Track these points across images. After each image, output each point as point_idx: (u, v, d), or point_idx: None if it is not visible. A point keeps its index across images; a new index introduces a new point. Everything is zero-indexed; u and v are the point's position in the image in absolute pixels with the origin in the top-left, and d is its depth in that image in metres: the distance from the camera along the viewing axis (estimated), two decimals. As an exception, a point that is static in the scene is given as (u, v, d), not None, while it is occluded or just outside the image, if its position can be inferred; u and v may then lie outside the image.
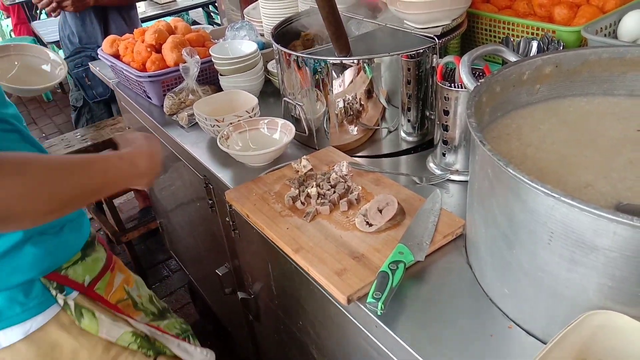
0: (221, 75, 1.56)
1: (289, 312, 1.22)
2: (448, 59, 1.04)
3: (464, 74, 0.93)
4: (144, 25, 2.23)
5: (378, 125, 1.24)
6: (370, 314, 0.81)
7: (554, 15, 1.27)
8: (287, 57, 1.21)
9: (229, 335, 2.11)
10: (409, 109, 1.21)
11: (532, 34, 1.22)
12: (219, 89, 1.59)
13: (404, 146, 1.26)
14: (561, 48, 1.10)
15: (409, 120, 1.22)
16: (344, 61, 1.13)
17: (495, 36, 1.33)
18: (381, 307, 0.76)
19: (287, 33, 1.44)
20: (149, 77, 1.57)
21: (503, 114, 0.93)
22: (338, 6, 1.38)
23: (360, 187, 1.08)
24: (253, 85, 1.53)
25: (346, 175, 1.12)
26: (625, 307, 0.63)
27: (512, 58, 0.97)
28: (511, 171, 0.65)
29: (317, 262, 0.90)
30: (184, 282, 2.60)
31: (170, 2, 3.81)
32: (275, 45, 1.25)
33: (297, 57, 1.17)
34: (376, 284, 0.79)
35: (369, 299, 0.78)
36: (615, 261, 0.60)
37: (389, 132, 1.25)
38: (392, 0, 1.16)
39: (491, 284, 0.81)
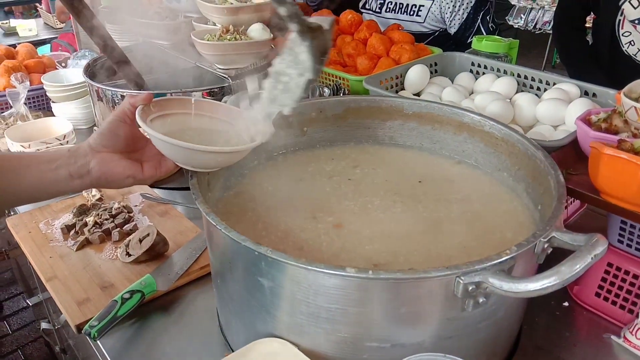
0: (53, 102, 1.55)
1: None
2: (226, 98, 1.09)
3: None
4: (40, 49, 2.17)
5: (189, 159, 1.27)
6: (99, 344, 0.82)
7: (357, 65, 1.38)
8: (91, 88, 1.23)
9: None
10: (214, 144, 1.26)
11: (334, 81, 1.31)
12: (52, 115, 1.57)
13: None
14: (341, 95, 1.19)
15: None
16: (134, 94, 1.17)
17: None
18: (94, 335, 0.77)
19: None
20: (-27, 100, 1.53)
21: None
22: (163, 42, 1.44)
23: (146, 218, 1.10)
24: (83, 113, 1.54)
25: (136, 206, 1.14)
26: (292, 334, 0.68)
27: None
28: (199, 207, 0.69)
29: (63, 292, 0.90)
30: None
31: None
32: (84, 77, 1.26)
33: (98, 88, 1.20)
34: (100, 312, 0.81)
35: (86, 327, 0.79)
36: (271, 293, 0.65)
37: (199, 166, 1.28)
38: (195, 40, 1.22)
39: (220, 314, 0.85)
